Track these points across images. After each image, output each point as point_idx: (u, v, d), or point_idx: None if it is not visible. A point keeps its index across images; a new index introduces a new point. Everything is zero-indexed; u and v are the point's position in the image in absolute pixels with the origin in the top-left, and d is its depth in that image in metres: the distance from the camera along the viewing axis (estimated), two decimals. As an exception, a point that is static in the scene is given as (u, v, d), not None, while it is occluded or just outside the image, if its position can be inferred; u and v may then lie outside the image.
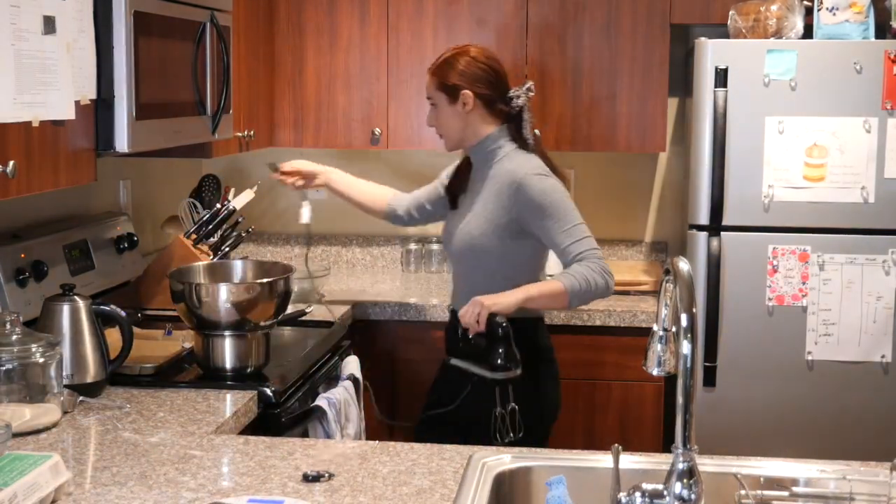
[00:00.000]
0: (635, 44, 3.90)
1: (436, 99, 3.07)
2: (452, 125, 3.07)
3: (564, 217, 2.93)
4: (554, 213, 2.93)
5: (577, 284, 2.86)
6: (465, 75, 3.02)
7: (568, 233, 2.92)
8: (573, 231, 2.92)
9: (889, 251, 3.55)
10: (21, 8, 2.18)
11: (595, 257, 2.91)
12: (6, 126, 2.17)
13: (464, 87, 3.02)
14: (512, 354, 2.82)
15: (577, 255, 2.90)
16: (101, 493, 1.95)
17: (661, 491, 1.76)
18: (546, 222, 2.93)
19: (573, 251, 2.90)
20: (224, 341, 2.76)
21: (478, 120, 3.05)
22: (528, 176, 2.95)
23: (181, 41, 2.89)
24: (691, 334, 1.71)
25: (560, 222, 2.92)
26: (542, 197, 2.93)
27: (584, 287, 2.86)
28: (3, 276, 2.72)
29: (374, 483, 2.02)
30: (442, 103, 3.06)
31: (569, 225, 2.92)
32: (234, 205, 3.60)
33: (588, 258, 2.90)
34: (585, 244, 2.91)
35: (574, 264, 2.90)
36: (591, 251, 2.91)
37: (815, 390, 3.61)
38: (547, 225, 2.93)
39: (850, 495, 2.03)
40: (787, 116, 3.54)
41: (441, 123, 3.09)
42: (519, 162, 2.99)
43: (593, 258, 2.90)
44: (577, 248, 2.91)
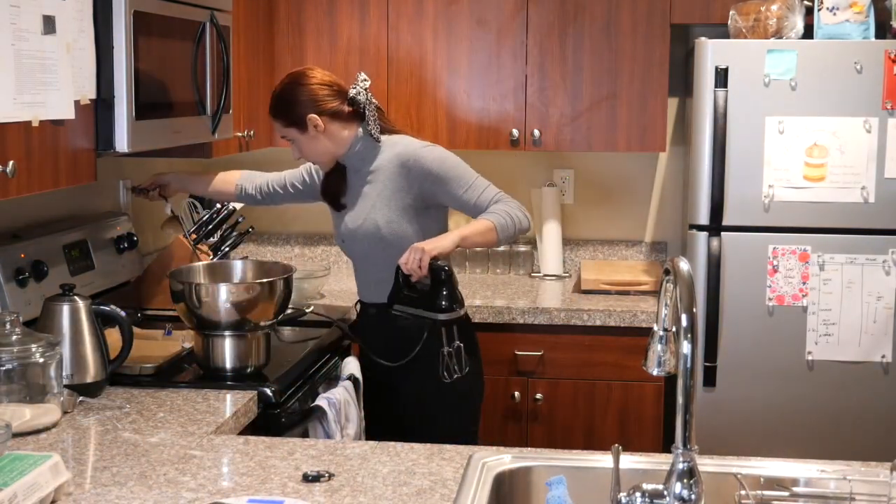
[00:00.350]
0: (635, 44, 3.90)
1: (290, 135, 3.09)
2: (317, 150, 3.09)
3: (464, 176, 3.05)
4: (454, 175, 3.04)
5: (502, 220, 3.01)
6: (303, 103, 3.04)
7: (473, 188, 3.04)
8: (476, 185, 3.05)
9: (889, 251, 3.55)
10: (21, 8, 2.18)
11: (507, 198, 3.06)
12: (6, 126, 2.17)
13: (302, 113, 3.03)
14: (456, 296, 2.95)
15: (490, 201, 3.03)
16: (101, 493, 1.95)
17: (662, 491, 1.76)
18: (449, 187, 3.03)
19: (485, 200, 3.04)
20: (224, 341, 2.77)
21: (336, 131, 3.07)
22: (416, 151, 3.05)
23: (181, 41, 2.89)
24: (691, 334, 1.71)
25: (462, 181, 3.04)
26: (438, 164, 3.03)
27: (508, 222, 3.01)
28: (3, 276, 2.72)
29: (374, 483, 2.02)
30: (296, 136, 3.07)
31: (470, 181, 3.05)
32: (234, 205, 3.60)
33: (502, 200, 3.04)
34: (492, 191, 3.06)
35: (492, 206, 3.03)
36: (500, 194, 3.06)
37: (815, 390, 3.61)
38: (451, 189, 3.04)
39: (851, 495, 2.03)
40: (787, 116, 3.54)
41: (307, 153, 3.11)
42: (399, 144, 3.08)
43: (506, 199, 3.05)
44: (487, 197, 3.04)
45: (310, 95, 3.04)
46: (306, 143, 3.08)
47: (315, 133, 3.05)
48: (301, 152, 3.12)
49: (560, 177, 4.35)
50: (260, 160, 4.43)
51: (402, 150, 3.06)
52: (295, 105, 3.04)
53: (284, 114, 3.06)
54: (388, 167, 3.05)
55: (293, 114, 3.04)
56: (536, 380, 3.73)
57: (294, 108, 3.04)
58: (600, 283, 3.93)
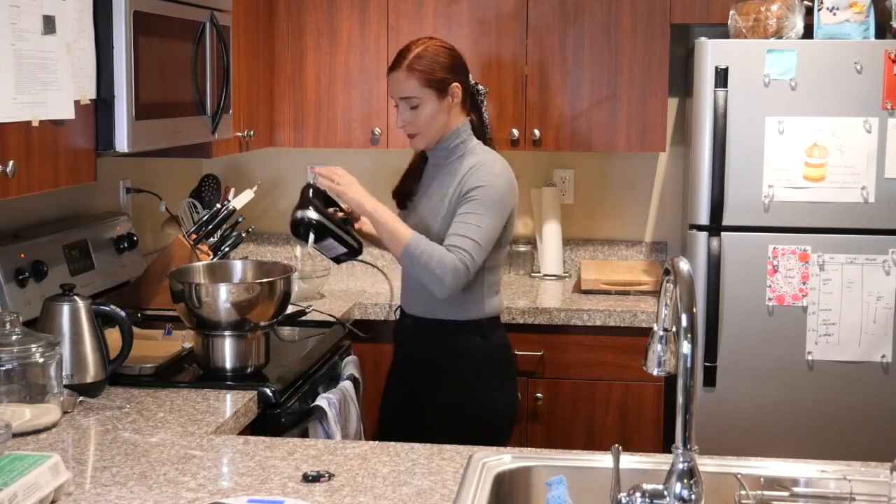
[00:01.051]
0: (635, 44, 3.90)
1: (422, 97, 2.88)
2: (439, 122, 2.91)
3: (482, 213, 2.80)
4: (479, 204, 2.81)
5: (419, 248, 2.77)
6: (449, 67, 2.90)
7: (467, 226, 2.79)
8: (472, 227, 2.79)
9: (889, 251, 3.55)
10: (21, 8, 2.18)
11: (461, 259, 2.76)
12: (6, 126, 2.17)
13: (452, 79, 2.90)
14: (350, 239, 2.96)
15: (454, 243, 2.78)
16: (101, 493, 1.95)
17: (662, 491, 1.76)
18: (463, 206, 2.82)
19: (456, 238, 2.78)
20: (224, 341, 2.77)
21: (457, 112, 2.94)
22: (481, 166, 2.86)
23: (181, 41, 2.89)
24: (691, 334, 1.71)
25: (472, 214, 2.80)
26: (484, 186, 2.82)
27: (423, 258, 2.76)
28: (3, 276, 2.72)
29: (374, 483, 2.02)
30: (429, 100, 2.88)
31: (475, 220, 2.80)
32: (234, 205, 3.60)
33: (457, 252, 2.76)
34: (466, 243, 2.77)
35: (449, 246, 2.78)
36: (464, 251, 2.76)
37: (815, 390, 3.61)
38: (462, 208, 2.82)
39: (851, 495, 2.03)
40: (787, 116, 3.54)
41: (425, 122, 2.90)
42: (481, 157, 2.90)
43: (461, 254, 2.76)
44: (455, 240, 2.77)
45: (457, 63, 2.92)
46: (434, 110, 2.88)
47: (449, 104, 2.90)
48: (419, 119, 2.89)
49: (560, 177, 4.35)
50: (260, 160, 4.44)
51: (476, 162, 2.88)
52: (444, 67, 2.88)
53: (430, 72, 2.86)
54: (460, 175, 2.88)
55: (438, 75, 2.87)
56: (536, 380, 3.73)
57: (443, 71, 2.88)
58: (600, 283, 3.93)
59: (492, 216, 2.82)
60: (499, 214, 2.84)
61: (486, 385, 2.97)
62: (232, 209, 3.59)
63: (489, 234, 2.82)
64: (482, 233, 2.80)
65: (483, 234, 2.80)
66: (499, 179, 2.86)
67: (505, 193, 2.87)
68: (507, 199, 2.87)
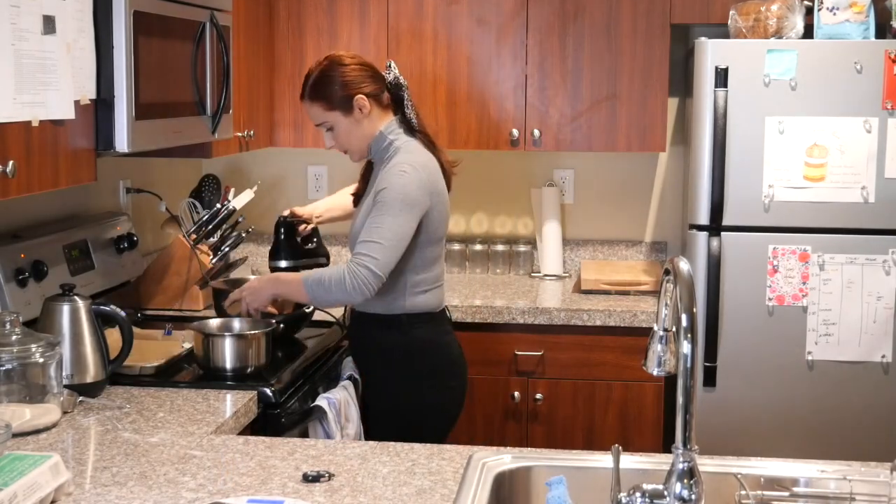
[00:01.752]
0: (635, 44, 3.90)
1: (330, 120, 2.96)
2: (356, 136, 2.97)
3: (383, 213, 2.83)
4: (381, 205, 2.84)
5: (314, 286, 2.85)
6: (347, 84, 2.93)
7: (369, 229, 2.84)
8: (373, 229, 2.82)
9: (889, 251, 3.55)
10: (21, 8, 2.18)
11: (359, 262, 2.79)
12: (6, 126, 2.16)
13: (352, 93, 2.92)
14: None
15: (354, 252, 2.85)
16: (101, 493, 1.95)
17: (662, 491, 1.76)
18: (372, 212, 2.86)
19: (362, 245, 2.82)
20: (224, 341, 2.77)
21: (375, 119, 2.97)
22: (390, 169, 2.89)
23: (181, 41, 2.89)
24: (691, 334, 1.71)
25: (374, 216, 2.84)
26: (386, 188, 2.85)
27: (322, 291, 2.84)
28: (3, 276, 2.72)
29: (374, 483, 2.02)
30: (338, 120, 2.95)
31: (377, 222, 2.83)
32: (234, 205, 3.60)
33: (354, 258, 2.82)
34: (366, 247, 2.81)
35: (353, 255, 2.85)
36: (363, 255, 2.80)
37: (815, 390, 3.61)
38: (371, 214, 2.86)
39: (851, 496, 2.03)
40: (787, 116, 3.54)
41: (345, 140, 2.98)
42: (399, 157, 2.92)
43: (359, 258, 2.80)
44: (358, 247, 2.83)
45: (353, 76, 2.94)
46: (348, 127, 2.96)
47: (360, 116, 2.94)
48: (339, 139, 2.99)
49: (560, 177, 4.35)
50: (260, 160, 4.43)
51: (396, 161, 2.92)
52: (339, 86, 2.92)
53: (326, 96, 2.94)
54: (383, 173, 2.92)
55: (337, 95, 2.93)
56: (536, 380, 3.73)
57: (338, 89, 2.92)
58: (600, 283, 3.93)
59: (392, 214, 2.83)
60: (402, 212, 2.84)
61: (405, 381, 3.00)
62: (232, 209, 3.59)
63: (391, 231, 2.82)
64: (383, 231, 2.81)
65: (384, 233, 2.81)
66: (402, 178, 2.86)
67: (410, 191, 2.86)
68: (412, 195, 2.86)
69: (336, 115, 2.95)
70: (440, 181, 2.99)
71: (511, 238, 4.38)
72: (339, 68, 2.95)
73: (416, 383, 3.00)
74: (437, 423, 3.04)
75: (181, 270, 3.52)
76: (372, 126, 2.97)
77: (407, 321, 2.97)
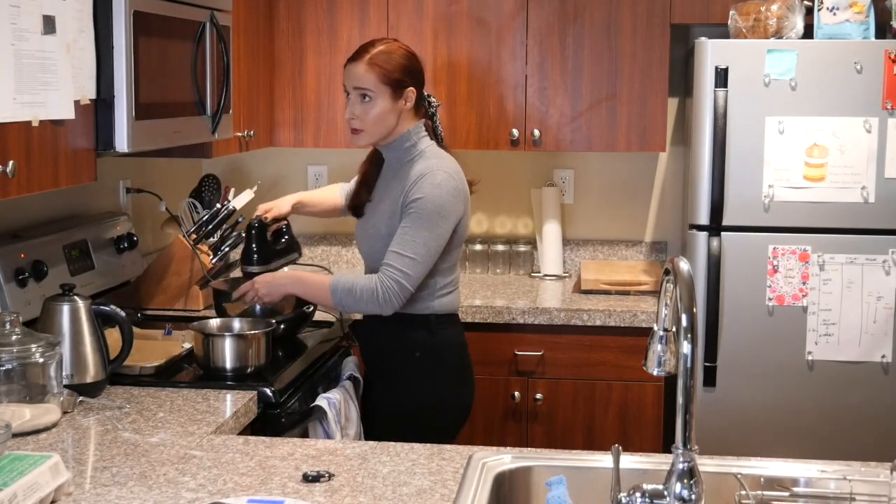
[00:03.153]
0: (635, 44, 3.90)
1: (376, 92, 2.89)
2: (387, 122, 2.92)
3: (419, 226, 2.82)
4: (417, 217, 2.83)
5: (344, 293, 2.85)
6: (408, 71, 2.93)
7: (403, 241, 2.83)
8: (407, 242, 2.82)
9: (889, 251, 3.55)
10: (21, 8, 2.18)
11: (391, 276, 2.81)
12: (6, 126, 2.16)
13: (409, 83, 2.92)
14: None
15: (390, 262, 2.83)
16: (101, 494, 1.95)
17: (662, 491, 1.76)
18: (404, 219, 2.85)
19: (392, 257, 2.82)
20: (224, 341, 2.77)
21: (406, 117, 2.96)
22: (423, 176, 2.86)
23: (181, 41, 2.89)
24: (691, 334, 1.71)
25: (409, 228, 2.83)
26: (422, 198, 2.83)
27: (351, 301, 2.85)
28: (3, 276, 2.72)
29: (374, 483, 2.02)
30: (383, 98, 2.89)
31: (411, 235, 2.83)
32: (234, 205, 3.60)
33: (386, 270, 2.82)
34: (400, 261, 2.81)
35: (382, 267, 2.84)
36: (395, 269, 2.81)
37: (815, 390, 3.61)
38: (403, 223, 2.85)
39: (851, 496, 2.03)
40: (787, 116, 3.54)
41: (373, 119, 2.91)
42: (429, 164, 2.90)
43: (390, 272, 2.81)
44: (390, 258, 2.82)
45: (417, 69, 2.96)
46: (384, 109, 2.90)
47: (401, 107, 2.91)
48: (368, 114, 2.90)
49: (560, 177, 4.35)
50: (260, 160, 4.44)
51: (423, 168, 2.89)
52: (404, 69, 2.90)
53: (388, 69, 2.89)
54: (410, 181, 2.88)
55: (400, 77, 2.90)
56: (536, 380, 3.73)
57: (401, 71, 2.90)
58: (600, 283, 3.93)
59: (428, 228, 2.83)
60: (439, 225, 2.84)
61: (430, 381, 3.00)
62: (232, 209, 3.59)
63: (426, 247, 2.83)
64: (417, 247, 2.82)
65: (419, 248, 2.82)
66: (438, 189, 2.85)
67: (446, 203, 2.86)
68: (448, 207, 2.86)
69: (385, 90, 2.89)
70: (467, 187, 2.99)
71: (511, 238, 4.38)
72: (410, 56, 2.95)
73: (441, 382, 3.01)
74: (455, 421, 3.07)
75: (181, 270, 3.52)
76: (401, 121, 2.94)
77: (435, 321, 2.97)
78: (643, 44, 3.90)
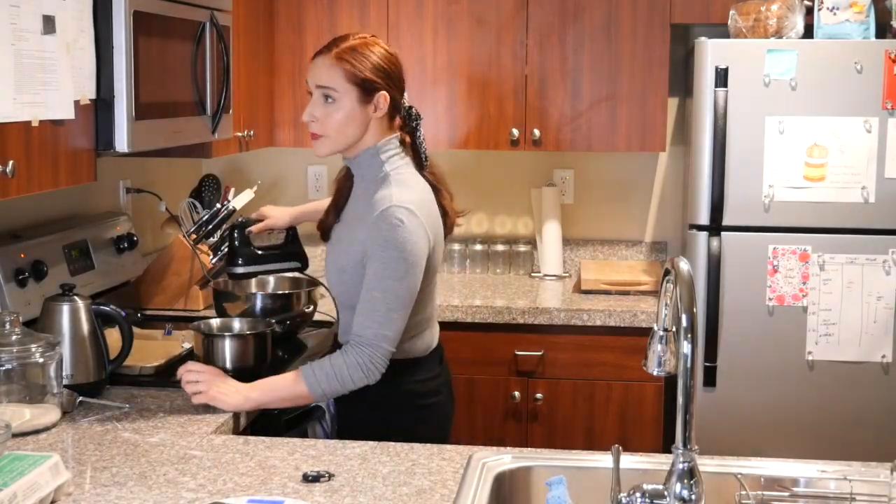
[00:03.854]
0: (635, 44, 3.90)
1: (341, 92, 2.50)
2: (350, 127, 2.52)
3: (386, 276, 2.44)
4: (382, 267, 2.44)
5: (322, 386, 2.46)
6: (383, 72, 2.52)
7: (373, 297, 2.45)
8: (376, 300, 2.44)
9: (889, 251, 3.55)
10: (21, 8, 2.18)
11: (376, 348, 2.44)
12: (6, 126, 2.16)
13: (381, 86, 2.52)
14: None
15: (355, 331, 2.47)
16: (100, 494, 1.95)
17: (662, 491, 1.76)
18: (368, 272, 2.47)
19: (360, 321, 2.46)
20: (224, 341, 2.76)
21: (375, 126, 2.55)
22: (384, 212, 2.45)
23: (181, 41, 2.89)
24: (691, 334, 1.71)
25: (373, 281, 2.45)
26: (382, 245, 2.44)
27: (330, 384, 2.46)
28: (3, 276, 2.72)
29: (374, 483, 2.02)
30: (349, 100, 2.50)
31: (378, 290, 2.44)
32: (234, 205, 3.59)
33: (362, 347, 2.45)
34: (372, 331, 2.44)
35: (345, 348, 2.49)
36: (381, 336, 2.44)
37: (815, 390, 3.61)
38: (366, 275, 2.47)
39: (851, 496, 2.03)
40: (787, 116, 3.54)
41: (336, 125, 2.51)
42: (389, 194, 2.49)
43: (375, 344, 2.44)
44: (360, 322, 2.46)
45: (393, 70, 2.55)
46: (350, 112, 2.50)
47: (369, 113, 2.52)
48: (329, 117, 2.52)
49: (560, 177, 4.35)
50: (260, 160, 4.44)
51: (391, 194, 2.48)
52: (375, 67, 2.51)
53: (357, 66, 2.49)
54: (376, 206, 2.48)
55: (372, 77, 2.50)
56: (536, 380, 3.73)
57: (372, 70, 2.50)
58: (600, 283, 3.93)
59: (397, 278, 2.45)
60: (408, 273, 2.46)
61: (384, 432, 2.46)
62: (232, 209, 3.59)
63: (398, 298, 2.45)
64: (390, 300, 2.45)
65: (392, 302, 2.45)
66: (397, 231, 2.44)
67: (409, 245, 2.45)
68: (415, 250, 2.46)
69: (352, 91, 2.50)
70: (437, 216, 2.60)
71: (511, 238, 4.38)
72: (387, 56, 2.55)
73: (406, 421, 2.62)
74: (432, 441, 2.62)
75: (181, 270, 3.52)
76: (370, 131, 2.55)
77: (389, 370, 2.50)
78: (643, 44, 3.90)
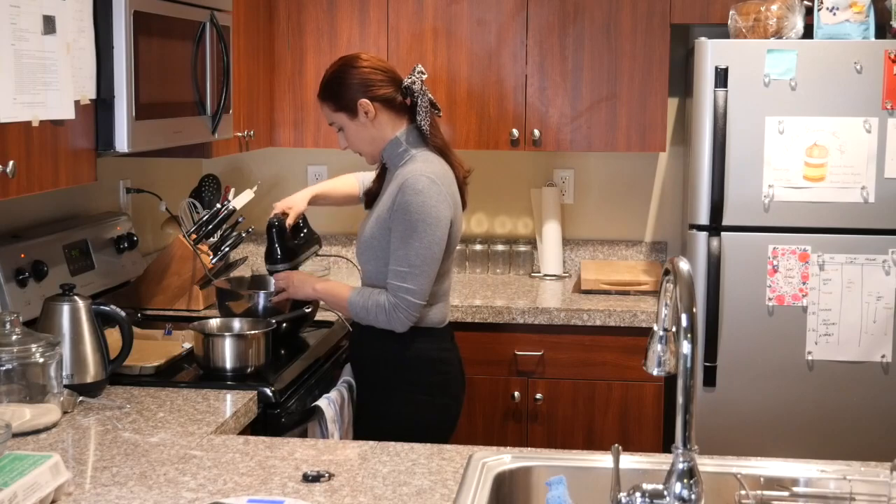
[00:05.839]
0: (635, 44, 3.90)
1: (338, 121, 2.93)
2: (364, 139, 2.92)
3: (409, 237, 2.77)
4: (405, 228, 2.78)
5: (359, 306, 2.84)
6: (345, 86, 2.88)
7: (395, 255, 2.80)
8: (400, 256, 2.78)
9: (889, 251, 3.55)
10: (21, 8, 2.18)
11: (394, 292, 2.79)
12: (6, 126, 2.17)
13: (355, 97, 2.87)
14: None
15: (393, 282, 2.80)
16: (101, 493, 1.95)
17: (662, 491, 1.76)
18: (393, 232, 2.81)
19: (393, 277, 2.80)
20: (224, 341, 2.77)
21: (385, 123, 2.90)
22: (408, 180, 2.79)
23: (181, 41, 2.89)
24: (691, 334, 1.71)
25: (397, 240, 2.80)
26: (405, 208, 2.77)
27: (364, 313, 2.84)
28: (3, 276, 2.72)
29: (374, 483, 2.02)
30: (345, 122, 2.91)
31: (402, 248, 2.78)
32: (234, 205, 3.60)
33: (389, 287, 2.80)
34: (402, 277, 2.78)
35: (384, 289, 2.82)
36: (395, 285, 2.79)
37: (815, 390, 3.61)
38: (392, 235, 2.81)
39: (851, 495, 2.03)
40: (787, 116, 3.54)
41: (354, 142, 2.94)
42: (414, 168, 2.83)
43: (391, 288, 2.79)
44: (390, 275, 2.80)
45: (361, 78, 2.88)
46: (354, 130, 2.90)
47: (365, 120, 2.88)
48: (348, 141, 2.94)
49: (560, 177, 4.35)
50: (260, 160, 4.44)
51: (409, 171, 2.83)
52: (345, 88, 2.88)
53: (334, 97, 2.89)
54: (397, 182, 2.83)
55: (343, 97, 2.88)
56: (536, 380, 3.73)
57: (344, 92, 2.88)
58: (600, 283, 3.93)
59: (419, 237, 2.77)
60: (427, 232, 2.78)
61: (400, 395, 2.89)
62: (232, 209, 3.59)
63: (420, 256, 2.78)
64: (412, 258, 2.78)
65: (413, 259, 2.78)
66: (420, 196, 2.77)
67: (430, 209, 2.78)
68: (435, 212, 2.79)
69: (342, 116, 2.91)
70: (457, 191, 2.92)
71: (511, 238, 4.38)
72: (349, 70, 2.90)
73: (410, 398, 2.90)
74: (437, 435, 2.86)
75: (181, 270, 3.52)
76: (381, 130, 2.90)
77: (409, 335, 2.86)
78: (643, 44, 3.90)
